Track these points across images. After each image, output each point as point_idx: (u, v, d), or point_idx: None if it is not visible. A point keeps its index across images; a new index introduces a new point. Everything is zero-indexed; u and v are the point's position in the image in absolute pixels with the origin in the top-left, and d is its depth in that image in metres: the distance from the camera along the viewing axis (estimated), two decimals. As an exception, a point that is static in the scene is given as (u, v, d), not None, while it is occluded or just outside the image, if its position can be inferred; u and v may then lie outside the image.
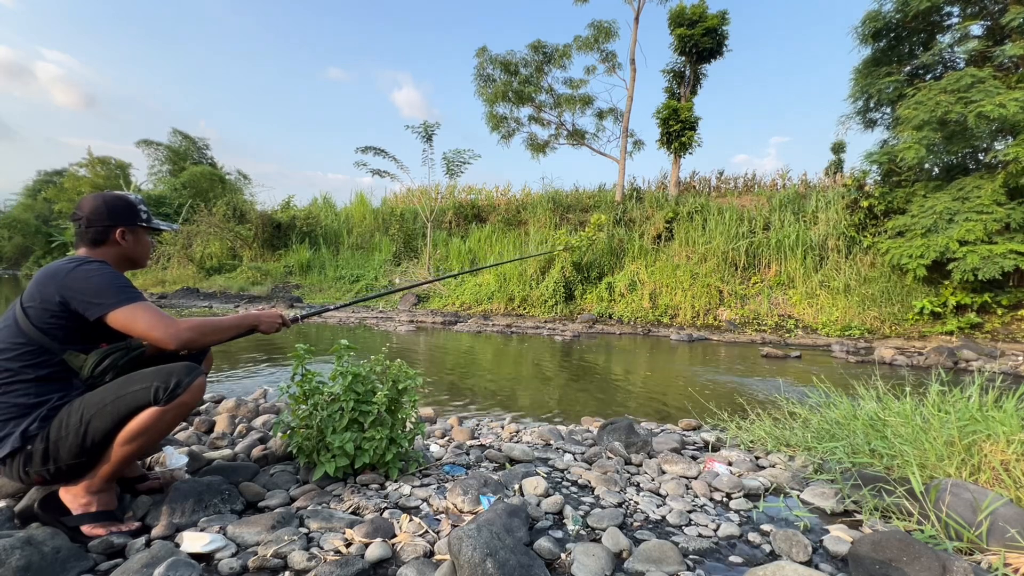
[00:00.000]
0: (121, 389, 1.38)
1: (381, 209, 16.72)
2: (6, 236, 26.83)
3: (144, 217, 1.61)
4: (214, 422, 2.56)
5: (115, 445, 1.37)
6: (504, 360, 6.06)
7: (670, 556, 1.36)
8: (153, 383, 1.37)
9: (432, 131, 12.99)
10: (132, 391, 1.37)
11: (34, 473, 1.36)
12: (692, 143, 13.33)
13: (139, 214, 1.59)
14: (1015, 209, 7.48)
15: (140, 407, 1.36)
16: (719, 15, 12.73)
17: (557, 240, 11.18)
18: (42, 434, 1.34)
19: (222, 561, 1.27)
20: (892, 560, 1.27)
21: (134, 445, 1.38)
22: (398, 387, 1.84)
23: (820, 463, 2.17)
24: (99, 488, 1.41)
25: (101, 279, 1.40)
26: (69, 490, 1.40)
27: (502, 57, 14.74)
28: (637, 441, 2.37)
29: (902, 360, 6.25)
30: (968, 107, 7.48)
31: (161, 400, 1.37)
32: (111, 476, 1.43)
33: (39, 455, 1.34)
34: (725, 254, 10.55)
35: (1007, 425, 1.80)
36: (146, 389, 1.37)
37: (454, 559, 1.21)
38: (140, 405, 1.36)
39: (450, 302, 11.58)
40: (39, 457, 1.34)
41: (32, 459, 1.34)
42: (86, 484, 1.40)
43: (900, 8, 9.13)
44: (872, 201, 9.66)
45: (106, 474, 1.41)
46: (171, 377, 1.39)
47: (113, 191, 1.72)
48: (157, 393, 1.37)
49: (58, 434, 1.34)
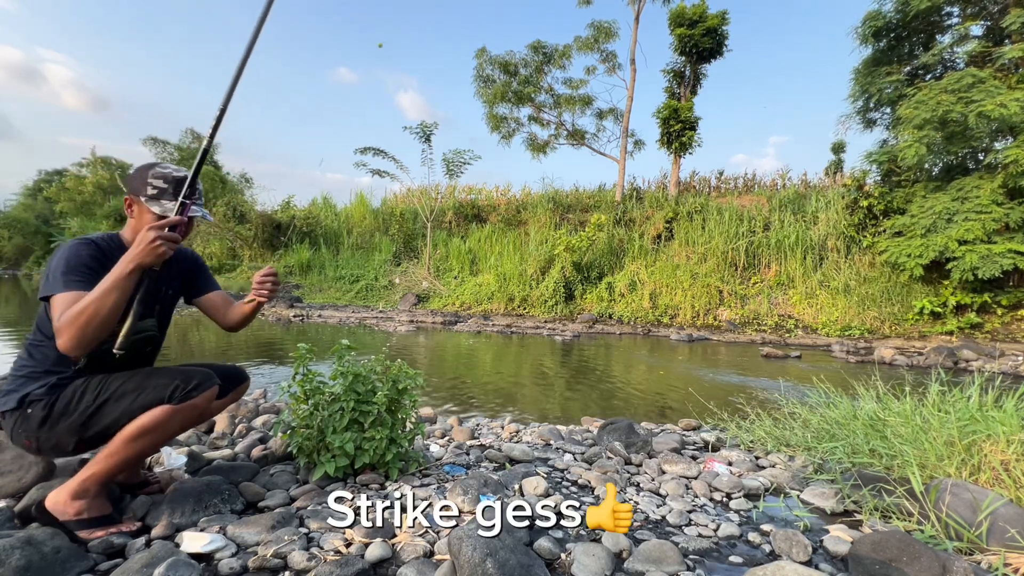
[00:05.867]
0: (145, 380, 1.36)
1: (381, 209, 16.72)
2: (6, 236, 26.85)
3: (151, 193, 1.41)
4: (214, 422, 2.55)
5: (120, 441, 1.33)
6: (504, 360, 6.06)
7: (670, 556, 1.36)
8: (174, 381, 1.36)
9: (430, 131, 12.99)
10: (153, 384, 1.35)
11: (24, 437, 1.35)
12: (692, 143, 13.34)
13: (146, 186, 1.41)
14: (1014, 209, 7.48)
15: (153, 403, 1.34)
16: (719, 15, 12.73)
17: (557, 240, 11.19)
18: (46, 401, 1.32)
19: (222, 561, 1.27)
20: (892, 560, 1.27)
21: (139, 444, 1.34)
22: (398, 387, 1.84)
23: (820, 463, 2.17)
24: (91, 492, 1.36)
25: (56, 260, 1.32)
26: (59, 498, 1.34)
27: (501, 58, 14.75)
28: (637, 441, 2.37)
29: (902, 360, 6.25)
30: (969, 107, 7.48)
31: (176, 399, 1.35)
32: (107, 477, 1.37)
33: (36, 420, 1.32)
34: (725, 254, 10.56)
35: (1007, 425, 1.80)
36: (165, 386, 1.35)
37: (454, 559, 1.21)
38: (154, 401, 1.34)
39: (450, 302, 11.58)
40: (35, 423, 1.32)
41: (28, 422, 1.33)
42: (78, 488, 1.34)
43: (900, 8, 9.14)
44: (872, 201, 9.66)
45: (102, 474, 1.35)
46: (191, 379, 1.37)
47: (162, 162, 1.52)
48: (174, 392, 1.34)
49: (65, 407, 1.32)
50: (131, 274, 1.25)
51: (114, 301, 1.23)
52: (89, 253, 1.34)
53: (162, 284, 1.54)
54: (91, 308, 1.21)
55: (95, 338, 1.24)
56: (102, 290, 1.22)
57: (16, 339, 5.99)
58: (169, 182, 1.42)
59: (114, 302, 1.23)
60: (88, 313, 1.21)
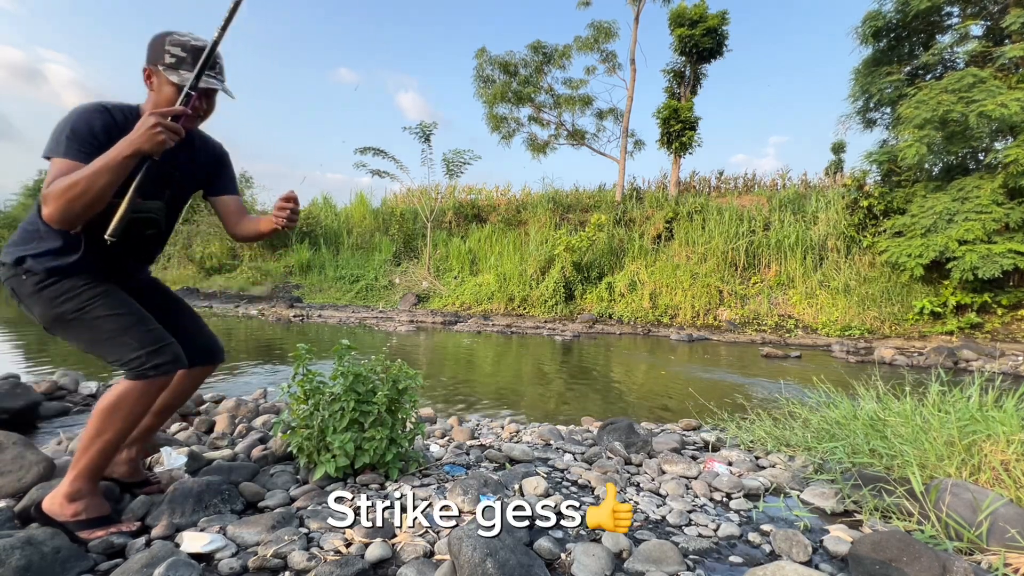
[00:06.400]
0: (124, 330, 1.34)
1: (381, 209, 16.73)
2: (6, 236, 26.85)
3: (169, 61, 1.30)
4: (214, 422, 2.56)
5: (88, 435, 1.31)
6: (504, 360, 6.06)
7: (670, 556, 1.36)
8: (142, 349, 1.33)
9: (429, 131, 13.00)
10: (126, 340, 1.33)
11: (11, 291, 1.37)
12: (692, 143, 13.35)
13: (164, 54, 1.30)
14: (1014, 209, 7.49)
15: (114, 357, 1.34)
16: (719, 15, 12.74)
17: (557, 240, 11.19)
18: (40, 280, 1.32)
19: (222, 561, 1.27)
20: (892, 560, 1.27)
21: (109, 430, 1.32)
22: (398, 387, 1.84)
23: (820, 463, 2.17)
24: (84, 491, 1.34)
25: (64, 121, 1.25)
26: (54, 502, 1.33)
27: (501, 58, 14.76)
28: (637, 441, 2.37)
29: (902, 360, 6.25)
30: (969, 107, 7.49)
31: (132, 370, 1.32)
32: (93, 473, 1.35)
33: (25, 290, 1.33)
34: (725, 254, 10.56)
35: (1007, 425, 1.80)
36: (133, 349, 1.33)
37: (454, 559, 1.21)
38: (115, 356, 1.33)
39: (450, 302, 11.59)
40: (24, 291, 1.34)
41: (20, 285, 1.34)
42: (69, 490, 1.33)
43: (900, 8, 9.15)
44: (872, 201, 9.67)
45: (86, 471, 1.33)
46: (156, 356, 1.34)
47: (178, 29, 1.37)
48: (133, 361, 1.32)
49: (51, 299, 1.32)
50: (127, 159, 1.17)
51: (105, 183, 1.16)
52: (101, 123, 1.26)
53: (178, 170, 1.46)
54: (80, 185, 1.15)
55: (81, 216, 1.19)
56: (94, 169, 1.15)
57: (16, 339, 5.99)
58: (188, 51, 1.32)
59: (105, 184, 1.16)
60: (77, 190, 1.15)
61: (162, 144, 1.19)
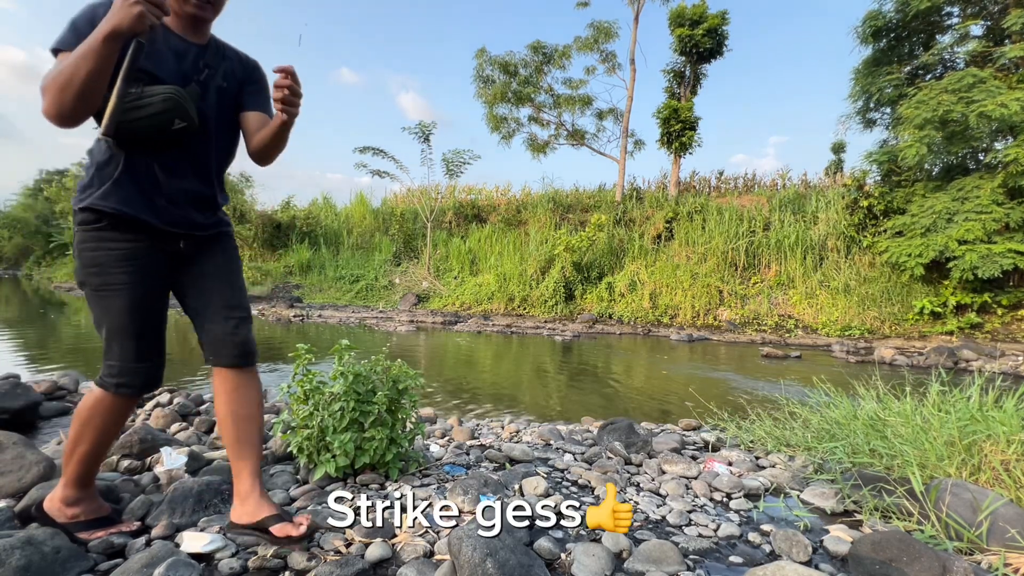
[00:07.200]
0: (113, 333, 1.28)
1: (381, 209, 16.73)
2: (6, 236, 26.81)
3: None
4: (214, 422, 2.56)
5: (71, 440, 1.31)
6: (504, 360, 6.06)
7: (670, 556, 1.36)
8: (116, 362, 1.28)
9: (429, 131, 13.00)
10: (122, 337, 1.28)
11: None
12: (692, 143, 13.34)
13: None
14: (1014, 209, 7.49)
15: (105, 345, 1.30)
16: (719, 15, 12.73)
17: (557, 240, 11.19)
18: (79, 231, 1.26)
19: (222, 561, 1.27)
20: (892, 560, 1.27)
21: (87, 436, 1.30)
22: (398, 387, 1.84)
23: (820, 463, 2.17)
24: (79, 497, 1.35)
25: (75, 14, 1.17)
26: (52, 505, 1.34)
27: (501, 58, 14.74)
28: (637, 441, 2.37)
29: (902, 360, 6.26)
30: (970, 107, 7.49)
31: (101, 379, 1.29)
32: (83, 477, 1.35)
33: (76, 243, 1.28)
34: (725, 254, 10.56)
35: (1007, 425, 1.80)
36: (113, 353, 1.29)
37: (454, 559, 1.21)
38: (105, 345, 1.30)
39: (450, 302, 11.59)
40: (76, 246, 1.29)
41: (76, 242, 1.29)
42: (63, 495, 1.34)
43: (900, 8, 9.15)
44: (872, 201, 9.67)
45: (75, 476, 1.33)
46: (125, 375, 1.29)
47: None
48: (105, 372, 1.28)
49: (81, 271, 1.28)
50: (106, 39, 1.04)
51: (88, 71, 1.05)
52: (105, 12, 1.13)
53: (208, 66, 1.34)
54: (64, 75, 1.06)
55: (73, 109, 1.09)
56: (75, 55, 1.06)
57: (16, 339, 5.99)
58: None
59: (88, 72, 1.05)
60: (62, 79, 1.06)
61: (141, 18, 1.04)
